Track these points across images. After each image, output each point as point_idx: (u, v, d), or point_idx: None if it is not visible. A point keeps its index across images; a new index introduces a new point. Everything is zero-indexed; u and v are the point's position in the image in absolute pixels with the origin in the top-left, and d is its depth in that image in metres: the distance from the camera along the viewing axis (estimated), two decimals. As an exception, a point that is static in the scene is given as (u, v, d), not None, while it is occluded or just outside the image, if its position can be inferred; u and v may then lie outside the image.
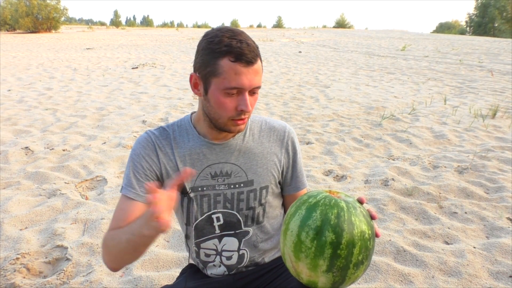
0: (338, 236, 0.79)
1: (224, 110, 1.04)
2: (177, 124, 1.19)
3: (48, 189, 3.03)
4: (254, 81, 1.02)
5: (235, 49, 0.99)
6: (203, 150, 1.14)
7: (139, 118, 5.29)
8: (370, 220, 0.88)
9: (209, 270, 1.23)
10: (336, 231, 0.80)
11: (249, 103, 1.03)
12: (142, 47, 17.83)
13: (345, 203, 0.85)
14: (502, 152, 3.85)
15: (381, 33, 33.03)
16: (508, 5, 49.63)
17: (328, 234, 0.80)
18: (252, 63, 1.00)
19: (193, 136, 1.15)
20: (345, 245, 0.80)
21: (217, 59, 1.00)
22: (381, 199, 2.86)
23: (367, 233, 0.83)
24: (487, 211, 2.71)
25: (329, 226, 0.80)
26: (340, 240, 0.79)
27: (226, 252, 1.20)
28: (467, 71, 10.42)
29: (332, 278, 0.82)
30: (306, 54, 15.25)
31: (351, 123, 5.08)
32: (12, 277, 1.97)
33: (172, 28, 55.54)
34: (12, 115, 5.33)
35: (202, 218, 1.17)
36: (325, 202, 0.84)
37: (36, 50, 16.08)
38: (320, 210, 0.83)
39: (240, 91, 1.02)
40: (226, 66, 0.99)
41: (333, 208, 0.82)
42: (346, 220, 0.81)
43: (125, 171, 1.14)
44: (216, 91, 1.02)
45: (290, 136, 1.22)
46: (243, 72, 0.99)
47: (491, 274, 2.03)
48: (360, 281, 1.99)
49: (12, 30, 35.15)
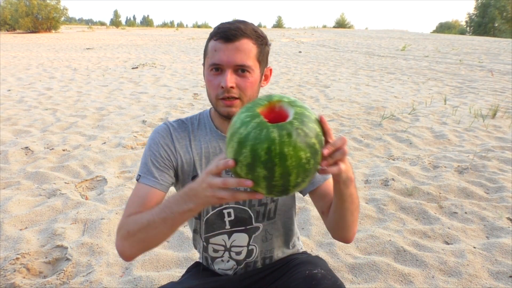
0: (269, 171, 0.78)
1: (210, 87, 1.07)
2: (196, 118, 1.21)
3: (48, 189, 3.03)
4: (234, 58, 1.02)
5: (220, 29, 1.04)
6: (220, 144, 1.16)
7: (139, 118, 5.29)
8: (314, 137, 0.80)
9: (216, 265, 1.23)
10: (267, 166, 0.78)
11: (231, 81, 1.03)
12: (142, 47, 17.83)
13: (279, 132, 0.78)
14: (502, 152, 3.85)
15: (381, 33, 33.03)
16: (508, 5, 49.63)
17: (259, 170, 0.78)
18: (231, 40, 1.02)
19: (210, 130, 1.17)
20: (279, 177, 0.78)
21: (208, 41, 1.08)
22: (381, 199, 2.86)
23: (304, 158, 0.78)
24: (487, 211, 2.71)
25: (259, 163, 0.78)
26: (272, 174, 0.78)
27: (235, 248, 1.20)
28: (467, 71, 10.42)
29: (274, 195, 0.85)
30: (306, 54, 15.25)
31: (351, 123, 5.08)
32: (12, 277, 1.97)
33: (172, 28, 55.55)
34: (12, 115, 5.33)
35: (213, 212, 1.17)
36: (255, 136, 0.78)
37: (36, 50, 16.08)
38: (250, 145, 0.78)
39: (223, 69, 1.04)
40: (210, 46, 1.06)
41: (263, 142, 0.77)
42: (278, 154, 0.77)
43: (142, 160, 1.14)
44: (206, 70, 1.08)
45: None
46: (221, 48, 1.03)
47: (491, 274, 2.03)
48: (360, 281, 1.99)
49: (12, 30, 35.14)
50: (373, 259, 2.14)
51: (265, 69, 1.13)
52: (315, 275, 1.04)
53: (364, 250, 2.27)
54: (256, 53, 1.06)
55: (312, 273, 1.05)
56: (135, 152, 3.90)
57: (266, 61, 1.13)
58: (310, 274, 1.05)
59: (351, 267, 2.09)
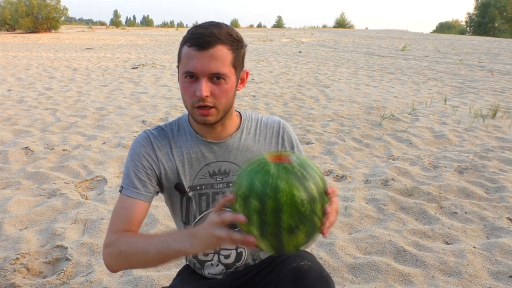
0: (262, 204, 0.78)
1: (185, 95, 1.05)
2: (175, 123, 1.19)
3: (48, 189, 3.03)
4: (209, 66, 0.99)
5: (193, 35, 1.01)
6: (202, 149, 1.14)
7: (139, 118, 5.29)
8: (313, 183, 0.82)
9: (206, 269, 1.23)
10: (260, 198, 0.79)
11: (206, 89, 1.00)
12: (142, 47, 17.83)
13: (277, 168, 0.81)
14: (502, 152, 3.85)
15: (381, 33, 33.03)
16: (508, 5, 49.62)
17: (252, 201, 0.79)
18: (205, 48, 0.99)
19: (191, 135, 1.15)
20: (271, 212, 0.78)
21: (182, 46, 1.04)
22: (381, 199, 2.86)
23: (298, 198, 0.79)
24: (487, 211, 2.71)
25: (254, 194, 0.79)
26: (264, 207, 0.78)
27: (224, 251, 1.20)
28: (467, 71, 10.42)
29: (269, 243, 0.82)
30: (306, 54, 15.25)
31: (351, 123, 5.08)
32: (12, 277, 1.97)
33: (172, 28, 55.54)
34: (12, 115, 5.33)
35: (200, 217, 1.17)
36: (256, 169, 0.83)
37: (36, 50, 16.08)
38: (249, 177, 0.82)
39: (198, 77, 1.01)
40: (184, 52, 1.03)
41: (260, 175, 0.81)
42: (272, 187, 0.78)
43: (124, 171, 1.13)
44: (180, 77, 1.06)
45: (286, 130, 1.22)
46: (195, 56, 1.00)
47: (491, 274, 2.03)
48: (360, 281, 1.99)
49: (12, 30, 35.14)
50: (373, 259, 2.14)
51: (241, 72, 1.10)
52: (301, 267, 1.07)
53: (364, 250, 2.27)
54: (231, 59, 1.02)
55: (299, 265, 1.08)
56: (135, 152, 3.89)
57: (242, 65, 1.09)
58: (297, 266, 1.08)
59: (351, 267, 2.09)
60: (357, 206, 2.77)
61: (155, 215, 2.63)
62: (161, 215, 2.63)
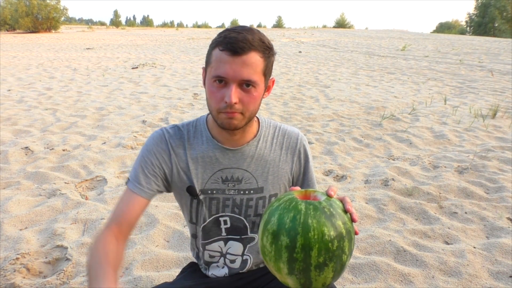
0: (292, 240, 0.80)
1: (212, 99, 1.01)
2: (192, 125, 1.17)
3: (48, 189, 3.03)
4: (240, 73, 0.96)
5: (227, 39, 0.97)
6: (216, 154, 1.13)
7: (139, 118, 5.29)
8: (340, 221, 0.84)
9: (211, 270, 1.23)
10: (290, 234, 0.81)
11: (235, 96, 0.98)
12: (142, 47, 17.83)
13: (306, 205, 0.84)
14: (502, 152, 3.85)
15: (381, 33, 33.03)
16: (508, 5, 49.62)
17: (283, 238, 0.81)
18: (239, 53, 0.96)
19: (207, 139, 1.14)
20: (300, 248, 0.80)
21: (212, 49, 1.01)
22: (381, 199, 2.86)
23: (327, 235, 0.81)
24: (487, 211, 2.71)
25: (284, 230, 0.81)
26: (294, 244, 0.80)
27: (230, 256, 1.20)
28: (467, 71, 10.42)
29: (297, 280, 0.83)
30: (306, 54, 15.25)
31: (351, 123, 5.08)
32: (12, 277, 1.97)
33: (172, 28, 55.54)
34: (12, 115, 5.33)
35: (210, 220, 1.17)
36: (285, 206, 0.85)
37: (36, 50, 16.08)
38: (278, 214, 0.84)
39: (228, 82, 0.99)
40: (215, 55, 0.99)
41: (290, 211, 0.83)
42: (301, 223, 0.81)
43: (134, 164, 1.13)
44: (208, 80, 1.02)
45: (302, 144, 1.20)
46: (227, 61, 0.96)
47: (491, 274, 2.03)
48: (360, 281, 1.99)
49: (12, 30, 35.15)
50: (373, 259, 2.14)
51: (268, 80, 1.08)
52: None
53: (364, 250, 2.27)
54: (262, 67, 1.00)
55: None
56: (135, 152, 3.90)
57: (271, 73, 1.08)
58: None
59: (351, 267, 2.09)
60: (357, 206, 2.77)
61: (155, 215, 2.63)
62: (161, 215, 2.63)
